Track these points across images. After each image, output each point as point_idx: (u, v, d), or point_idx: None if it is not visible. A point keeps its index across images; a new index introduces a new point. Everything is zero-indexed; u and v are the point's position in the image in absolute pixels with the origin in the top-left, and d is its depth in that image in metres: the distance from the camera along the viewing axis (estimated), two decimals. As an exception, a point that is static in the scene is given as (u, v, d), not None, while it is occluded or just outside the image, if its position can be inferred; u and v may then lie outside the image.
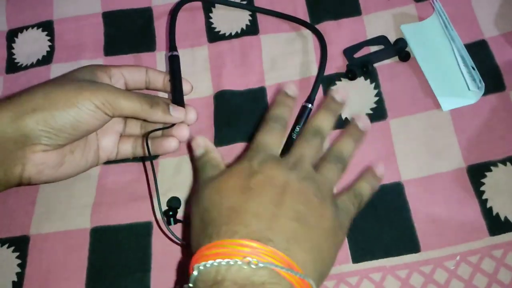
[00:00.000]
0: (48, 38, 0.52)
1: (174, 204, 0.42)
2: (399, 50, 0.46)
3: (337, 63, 0.47)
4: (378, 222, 0.40)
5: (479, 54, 0.45)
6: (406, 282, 0.37)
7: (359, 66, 0.46)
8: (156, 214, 0.42)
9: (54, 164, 0.39)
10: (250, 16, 0.51)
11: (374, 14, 0.49)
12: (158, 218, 0.42)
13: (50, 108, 0.37)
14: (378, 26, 0.48)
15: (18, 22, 0.54)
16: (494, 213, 0.39)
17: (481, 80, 0.42)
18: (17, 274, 0.41)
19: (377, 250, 0.39)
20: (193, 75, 0.48)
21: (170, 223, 0.41)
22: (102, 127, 0.40)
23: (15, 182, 0.39)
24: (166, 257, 0.40)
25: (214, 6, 0.52)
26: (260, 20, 0.51)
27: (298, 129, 0.43)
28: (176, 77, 0.44)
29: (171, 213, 0.41)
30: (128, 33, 0.52)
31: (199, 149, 0.37)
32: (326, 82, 0.46)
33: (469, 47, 0.45)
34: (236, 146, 0.44)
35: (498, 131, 0.42)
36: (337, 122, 0.44)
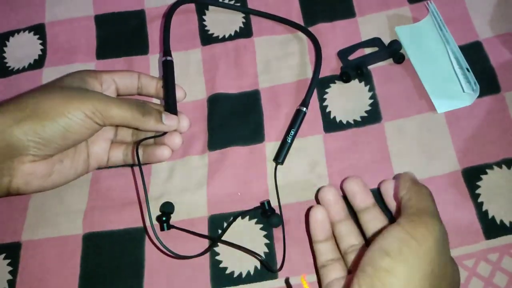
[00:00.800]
0: (40, 41, 0.52)
1: (167, 209, 0.41)
2: (394, 52, 0.46)
3: (331, 65, 0.47)
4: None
5: (474, 56, 0.45)
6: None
7: (354, 69, 0.45)
8: (146, 224, 0.41)
9: (43, 174, 0.38)
10: (244, 18, 0.51)
11: (368, 16, 0.49)
12: (148, 227, 0.41)
13: (39, 118, 0.36)
14: (372, 28, 0.48)
15: (9, 25, 0.53)
16: (490, 216, 0.39)
17: (476, 82, 0.42)
18: (8, 281, 0.40)
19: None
20: (186, 78, 0.47)
21: (163, 229, 0.40)
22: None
23: (3, 193, 0.38)
24: (159, 263, 0.40)
25: (208, 9, 0.52)
26: (253, 22, 0.50)
27: (293, 132, 0.42)
28: (169, 83, 0.43)
29: (164, 218, 0.41)
30: (121, 36, 0.51)
31: None
32: (320, 85, 0.46)
33: (463, 49, 0.45)
34: (229, 150, 0.44)
35: (493, 133, 0.42)
36: (329, 124, 0.44)
